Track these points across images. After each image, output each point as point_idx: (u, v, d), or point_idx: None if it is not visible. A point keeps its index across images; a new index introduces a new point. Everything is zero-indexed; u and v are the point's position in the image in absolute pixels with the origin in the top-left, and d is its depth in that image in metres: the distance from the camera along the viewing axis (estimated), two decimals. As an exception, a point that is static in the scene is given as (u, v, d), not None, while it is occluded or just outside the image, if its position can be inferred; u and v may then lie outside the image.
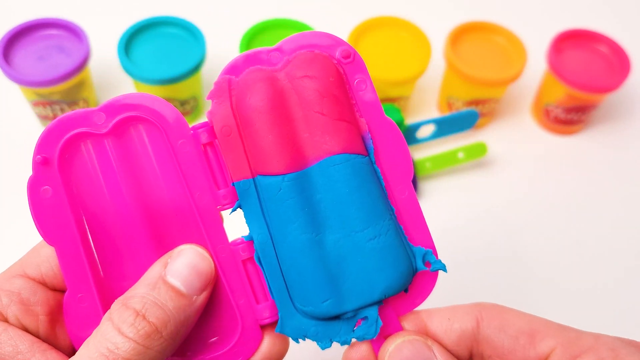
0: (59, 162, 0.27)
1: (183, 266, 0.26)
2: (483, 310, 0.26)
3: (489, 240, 0.55)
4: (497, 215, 0.57)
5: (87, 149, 0.28)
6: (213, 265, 0.27)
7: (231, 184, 0.27)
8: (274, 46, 0.27)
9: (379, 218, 0.26)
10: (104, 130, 0.27)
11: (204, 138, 0.27)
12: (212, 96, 0.27)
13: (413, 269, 0.27)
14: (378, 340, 0.27)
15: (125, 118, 0.27)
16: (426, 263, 0.27)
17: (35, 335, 0.26)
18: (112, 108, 0.27)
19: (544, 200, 0.58)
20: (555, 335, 0.25)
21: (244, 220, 0.28)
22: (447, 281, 0.53)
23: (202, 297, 0.26)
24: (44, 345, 0.26)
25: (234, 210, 0.27)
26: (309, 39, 0.27)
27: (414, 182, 0.56)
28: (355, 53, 0.27)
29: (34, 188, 0.26)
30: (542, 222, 0.57)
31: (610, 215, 0.58)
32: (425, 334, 0.27)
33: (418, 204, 0.27)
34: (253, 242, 0.27)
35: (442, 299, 0.50)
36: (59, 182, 0.27)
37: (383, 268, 0.26)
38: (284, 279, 0.27)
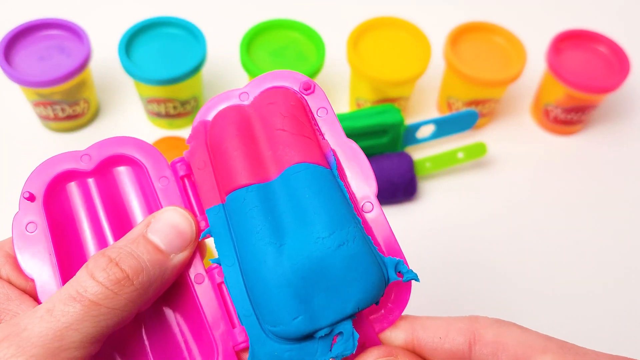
0: (45, 199, 0.28)
1: (164, 225, 0.26)
2: (477, 330, 0.25)
3: (488, 239, 0.55)
4: (497, 215, 0.57)
5: (72, 188, 0.29)
6: (194, 226, 0.27)
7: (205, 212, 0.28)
8: (242, 88, 0.30)
9: (344, 224, 0.25)
10: (89, 169, 0.29)
11: (181, 171, 0.29)
12: (190, 139, 0.29)
13: (385, 279, 0.26)
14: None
15: (109, 157, 0.29)
16: (398, 273, 0.26)
17: None
18: (97, 149, 0.29)
19: (543, 200, 0.58)
20: (551, 358, 0.24)
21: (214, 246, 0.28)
22: (446, 280, 0.53)
23: (180, 256, 0.26)
24: (32, 298, 0.27)
25: (203, 236, 0.28)
26: (272, 78, 0.30)
27: (414, 182, 0.56)
28: (315, 84, 0.29)
29: (19, 222, 0.28)
30: (542, 221, 0.57)
31: (610, 215, 0.58)
32: (414, 345, 0.26)
33: (386, 218, 0.27)
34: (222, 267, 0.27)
35: (442, 298, 0.51)
36: (43, 218, 0.28)
37: (355, 278, 0.25)
38: (251, 303, 0.26)
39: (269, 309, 0.25)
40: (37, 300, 0.27)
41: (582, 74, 0.59)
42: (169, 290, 0.27)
